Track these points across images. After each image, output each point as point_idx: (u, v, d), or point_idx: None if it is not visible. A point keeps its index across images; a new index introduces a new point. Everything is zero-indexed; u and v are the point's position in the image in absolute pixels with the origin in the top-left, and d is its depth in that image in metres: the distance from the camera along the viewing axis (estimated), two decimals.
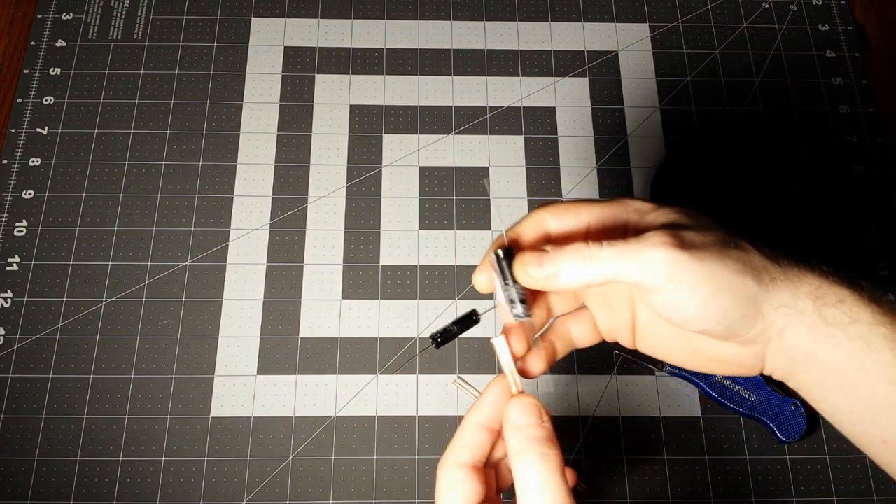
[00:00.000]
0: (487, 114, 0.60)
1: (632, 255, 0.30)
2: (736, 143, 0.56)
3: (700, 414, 0.51)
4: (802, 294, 0.31)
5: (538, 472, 0.30)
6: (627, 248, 0.30)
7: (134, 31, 0.62)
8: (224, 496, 0.48)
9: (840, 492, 0.49)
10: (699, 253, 0.30)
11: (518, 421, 0.32)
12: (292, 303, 0.54)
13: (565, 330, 0.37)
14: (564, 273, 0.31)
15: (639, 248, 0.30)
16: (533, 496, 0.30)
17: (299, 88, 0.61)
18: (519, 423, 0.32)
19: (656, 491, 0.49)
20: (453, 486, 0.32)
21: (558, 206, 0.34)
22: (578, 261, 0.31)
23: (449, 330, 0.53)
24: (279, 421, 0.50)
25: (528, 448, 0.31)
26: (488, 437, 0.33)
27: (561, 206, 0.34)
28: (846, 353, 0.31)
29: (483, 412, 0.33)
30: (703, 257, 0.30)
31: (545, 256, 0.32)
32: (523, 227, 0.34)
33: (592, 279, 0.31)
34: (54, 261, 0.54)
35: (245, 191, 0.57)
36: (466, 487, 0.32)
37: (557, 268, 0.31)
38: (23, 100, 0.59)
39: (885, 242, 0.57)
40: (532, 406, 0.32)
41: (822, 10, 0.65)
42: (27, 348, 0.52)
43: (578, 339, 0.37)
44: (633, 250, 0.30)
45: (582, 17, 0.64)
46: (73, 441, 0.49)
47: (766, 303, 0.31)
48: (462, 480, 0.32)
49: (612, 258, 0.30)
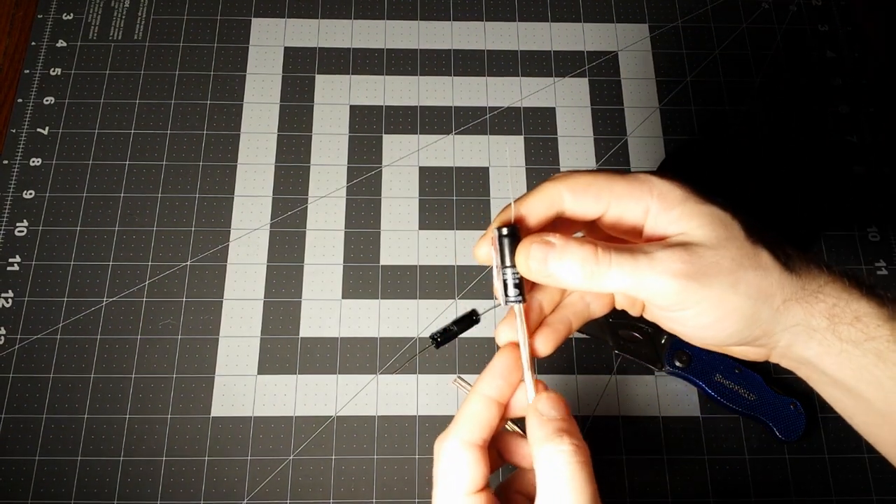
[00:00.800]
0: (487, 114, 0.60)
1: (639, 277, 0.29)
2: (736, 143, 0.56)
3: (700, 414, 0.51)
4: (817, 312, 0.30)
5: (568, 463, 0.28)
6: (636, 266, 0.29)
7: (134, 32, 0.62)
8: (224, 496, 0.49)
9: (840, 492, 0.49)
10: (709, 280, 0.29)
11: (548, 413, 0.30)
12: (292, 303, 0.54)
13: (582, 302, 0.35)
14: (566, 277, 0.30)
15: (647, 270, 0.29)
16: (561, 489, 0.28)
17: (299, 88, 0.61)
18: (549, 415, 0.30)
19: (656, 491, 0.49)
20: (456, 467, 0.29)
21: (577, 181, 0.31)
22: (583, 269, 0.29)
23: (449, 330, 0.53)
24: (279, 421, 0.51)
25: (559, 437, 0.29)
26: (497, 412, 0.31)
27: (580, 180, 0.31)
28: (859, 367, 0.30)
29: (493, 383, 0.31)
30: (712, 285, 0.29)
31: (551, 252, 0.30)
32: (535, 200, 0.32)
33: (593, 288, 0.30)
34: (55, 261, 0.54)
35: (245, 191, 0.57)
36: (472, 470, 0.29)
37: (560, 269, 0.30)
38: (23, 100, 0.59)
39: (885, 242, 0.57)
40: (561, 402, 0.30)
41: (822, 10, 0.65)
42: (28, 348, 0.52)
43: (595, 311, 0.35)
44: (641, 272, 0.29)
45: (582, 17, 0.64)
46: (73, 441, 0.49)
47: (775, 325, 0.30)
48: (468, 462, 0.29)
49: (620, 275, 0.29)
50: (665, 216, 0.31)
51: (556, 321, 0.34)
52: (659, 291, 0.29)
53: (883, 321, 0.30)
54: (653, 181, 0.31)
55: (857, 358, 0.30)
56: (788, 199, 0.54)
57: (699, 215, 0.30)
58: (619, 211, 0.31)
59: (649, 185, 0.31)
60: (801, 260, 0.31)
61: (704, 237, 0.30)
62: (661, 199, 0.31)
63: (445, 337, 0.52)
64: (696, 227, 0.30)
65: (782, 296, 0.30)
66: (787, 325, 0.30)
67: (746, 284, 0.29)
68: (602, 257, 0.29)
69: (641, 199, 0.31)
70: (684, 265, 0.29)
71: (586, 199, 0.31)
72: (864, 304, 0.30)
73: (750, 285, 0.29)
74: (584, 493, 0.28)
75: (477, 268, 0.55)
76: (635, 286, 0.29)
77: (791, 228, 0.54)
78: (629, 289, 0.29)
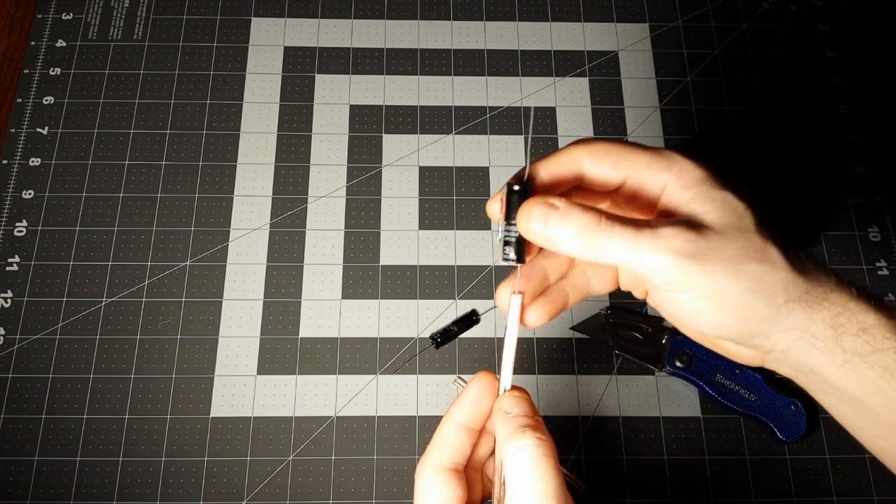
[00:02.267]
0: (487, 114, 0.60)
1: (640, 251, 0.28)
2: (736, 143, 0.56)
3: (700, 414, 0.51)
4: (819, 319, 0.29)
5: (532, 456, 0.28)
6: (638, 240, 0.28)
7: (134, 31, 0.62)
8: (224, 496, 0.48)
9: (840, 492, 0.49)
10: (710, 265, 0.28)
11: (511, 411, 0.30)
12: (292, 303, 0.54)
13: (583, 278, 0.34)
14: (564, 242, 0.29)
15: (649, 244, 0.28)
16: (526, 482, 0.28)
17: (299, 88, 0.61)
18: (512, 413, 0.30)
19: (656, 491, 0.49)
20: (431, 490, 0.31)
21: (598, 147, 0.31)
22: (583, 236, 0.29)
23: (449, 330, 0.53)
24: (279, 421, 0.50)
25: (521, 433, 0.29)
26: (468, 438, 0.32)
27: (601, 147, 0.31)
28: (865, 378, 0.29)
29: (463, 411, 0.32)
30: (713, 270, 0.28)
31: (553, 215, 0.29)
32: (554, 161, 0.31)
33: (592, 258, 0.29)
34: (54, 261, 0.54)
35: (245, 191, 0.57)
36: (445, 492, 0.31)
37: (560, 233, 0.29)
38: (23, 100, 0.59)
39: (885, 242, 0.57)
40: (524, 400, 0.31)
41: (822, 10, 0.65)
42: (27, 348, 0.52)
43: (595, 288, 0.35)
44: (642, 246, 0.28)
45: (582, 17, 0.64)
46: (73, 441, 0.49)
47: (774, 325, 0.29)
48: (440, 485, 0.31)
49: (620, 247, 0.28)
50: (680, 195, 0.30)
51: (552, 291, 0.34)
52: (657, 268, 0.28)
53: (891, 333, 0.29)
54: (674, 157, 0.31)
55: (862, 370, 0.29)
56: (788, 199, 0.54)
57: (712, 199, 0.30)
58: (638, 182, 0.31)
59: (669, 160, 0.31)
60: (812, 264, 0.30)
61: (713, 221, 0.29)
62: (679, 177, 0.30)
63: (445, 337, 0.52)
64: (707, 212, 0.30)
65: (785, 296, 0.29)
66: (786, 326, 0.29)
67: (748, 276, 0.29)
68: (605, 226, 0.29)
69: (659, 173, 0.31)
70: (687, 244, 0.28)
71: (604, 165, 0.31)
72: (871, 315, 0.29)
73: (751, 277, 0.29)
74: (550, 485, 0.28)
75: (477, 268, 0.55)
76: (635, 260, 0.29)
77: (791, 228, 0.54)
78: (629, 262, 0.29)
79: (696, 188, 0.30)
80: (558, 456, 0.29)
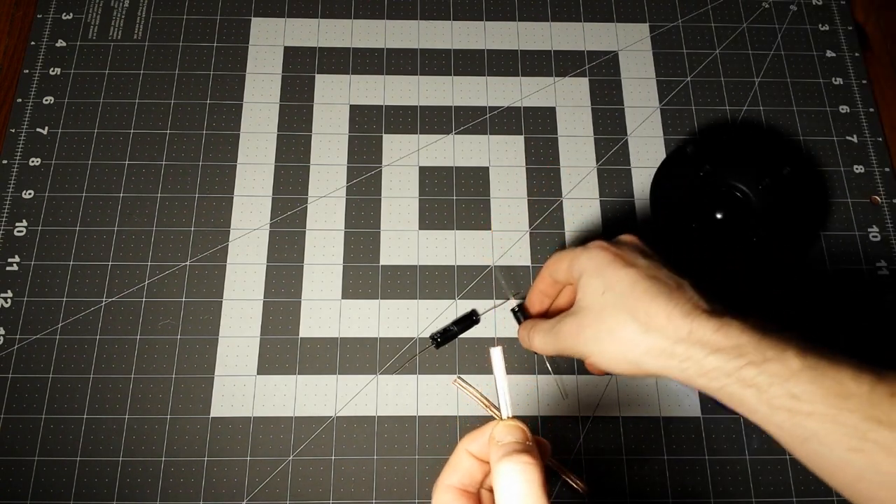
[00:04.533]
0: (487, 114, 0.60)
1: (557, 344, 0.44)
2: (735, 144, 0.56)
3: (700, 414, 0.51)
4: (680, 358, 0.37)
5: (520, 482, 0.30)
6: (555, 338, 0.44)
7: (134, 31, 0.62)
8: (224, 496, 0.48)
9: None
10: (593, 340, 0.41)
11: (503, 439, 0.32)
12: (292, 303, 0.54)
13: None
14: (537, 345, 0.46)
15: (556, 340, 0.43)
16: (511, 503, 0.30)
17: (299, 88, 0.61)
18: (504, 441, 0.32)
19: (656, 491, 0.49)
20: None
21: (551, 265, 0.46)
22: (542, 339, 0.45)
23: (449, 330, 0.53)
24: (279, 421, 0.50)
25: (511, 458, 0.31)
26: (478, 465, 0.34)
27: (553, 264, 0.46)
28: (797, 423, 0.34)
29: (474, 442, 0.34)
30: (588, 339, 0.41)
31: (523, 333, 0.48)
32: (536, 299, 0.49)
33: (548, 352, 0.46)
34: (54, 261, 0.54)
35: (245, 191, 0.57)
36: None
37: (532, 341, 0.46)
38: (23, 100, 0.59)
39: (885, 242, 0.57)
40: (518, 429, 0.33)
41: (822, 10, 0.65)
42: (27, 348, 0.52)
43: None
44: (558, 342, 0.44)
45: (582, 17, 0.64)
46: (73, 441, 0.49)
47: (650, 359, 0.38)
48: (450, 502, 0.33)
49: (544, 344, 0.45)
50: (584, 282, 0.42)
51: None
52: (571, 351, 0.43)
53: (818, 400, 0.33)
54: (576, 259, 0.43)
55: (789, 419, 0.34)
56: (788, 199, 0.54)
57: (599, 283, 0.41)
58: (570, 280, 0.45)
59: (571, 261, 0.43)
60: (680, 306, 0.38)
61: (581, 302, 0.42)
62: (578, 275, 0.43)
63: (445, 337, 0.53)
64: (590, 294, 0.41)
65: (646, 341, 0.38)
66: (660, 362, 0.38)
67: (620, 341, 0.39)
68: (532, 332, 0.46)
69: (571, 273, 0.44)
70: (572, 327, 0.42)
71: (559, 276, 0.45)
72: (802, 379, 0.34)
73: (624, 341, 0.39)
74: None
75: (477, 268, 0.55)
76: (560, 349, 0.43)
77: (790, 229, 0.54)
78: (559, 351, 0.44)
79: (581, 280, 0.42)
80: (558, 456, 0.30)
